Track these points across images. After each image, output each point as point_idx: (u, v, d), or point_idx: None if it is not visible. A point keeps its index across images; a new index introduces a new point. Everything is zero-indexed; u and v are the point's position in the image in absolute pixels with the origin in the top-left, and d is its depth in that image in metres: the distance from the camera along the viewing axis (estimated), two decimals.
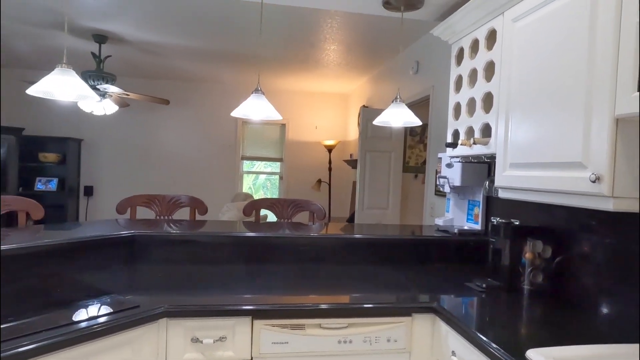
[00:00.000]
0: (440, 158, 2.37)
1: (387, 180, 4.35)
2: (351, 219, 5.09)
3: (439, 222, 2.36)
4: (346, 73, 5.16)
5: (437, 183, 2.38)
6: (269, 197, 6.71)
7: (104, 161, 5.99)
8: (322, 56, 4.45)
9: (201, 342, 1.42)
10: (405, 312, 1.54)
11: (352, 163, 5.33)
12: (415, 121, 2.23)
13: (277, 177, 6.66)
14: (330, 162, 6.26)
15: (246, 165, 6.55)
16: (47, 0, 3.16)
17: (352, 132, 5.99)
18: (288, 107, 6.37)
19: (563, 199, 1.30)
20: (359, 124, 4.45)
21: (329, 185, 6.27)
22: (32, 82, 3.94)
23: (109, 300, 1.44)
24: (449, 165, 2.25)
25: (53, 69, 1.76)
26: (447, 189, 2.30)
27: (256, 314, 1.45)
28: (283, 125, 6.45)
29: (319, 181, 6.23)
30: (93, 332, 1.23)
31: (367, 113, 4.27)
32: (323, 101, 6.52)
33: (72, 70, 1.76)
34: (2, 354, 1.05)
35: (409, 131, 5.08)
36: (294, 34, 3.74)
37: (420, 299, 1.61)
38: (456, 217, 2.37)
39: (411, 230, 2.36)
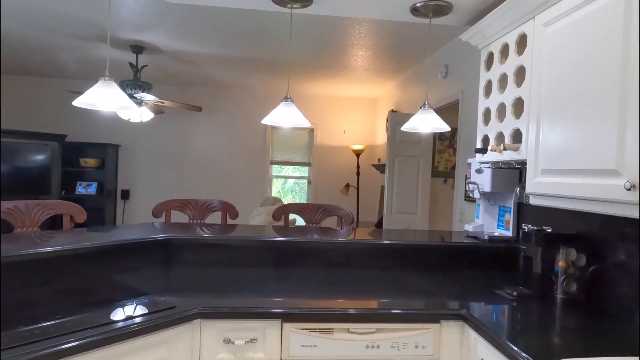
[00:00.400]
0: (470, 163, 2.35)
1: (415, 185, 4.32)
2: (379, 224, 5.07)
3: (469, 228, 2.34)
4: (374, 78, 5.17)
5: (467, 189, 2.36)
6: (297, 201, 6.79)
7: (140, 166, 6.23)
8: (350, 61, 4.48)
9: (233, 343, 1.47)
10: (434, 318, 1.54)
11: (381, 167, 5.32)
12: (444, 127, 2.21)
13: (305, 181, 6.72)
14: (358, 167, 6.27)
15: (275, 169, 6.64)
16: (90, 15, 3.34)
17: (380, 137, 5.98)
18: (316, 112, 6.42)
19: (596, 207, 1.27)
20: (387, 128, 4.44)
21: (357, 189, 6.28)
22: (76, 92, 4.15)
23: (146, 300, 1.51)
24: (479, 171, 2.22)
25: (94, 79, 1.87)
26: (476, 195, 2.28)
27: (286, 317, 1.49)
28: (312, 130, 6.51)
29: (347, 185, 6.24)
30: (131, 332, 1.29)
31: (396, 117, 4.26)
32: (351, 106, 6.54)
33: (114, 83, 1.86)
34: (48, 350, 1.13)
35: (438, 136, 5.02)
36: (322, 40, 3.79)
37: (449, 305, 1.61)
38: (486, 223, 2.33)
39: (440, 236, 2.35)
